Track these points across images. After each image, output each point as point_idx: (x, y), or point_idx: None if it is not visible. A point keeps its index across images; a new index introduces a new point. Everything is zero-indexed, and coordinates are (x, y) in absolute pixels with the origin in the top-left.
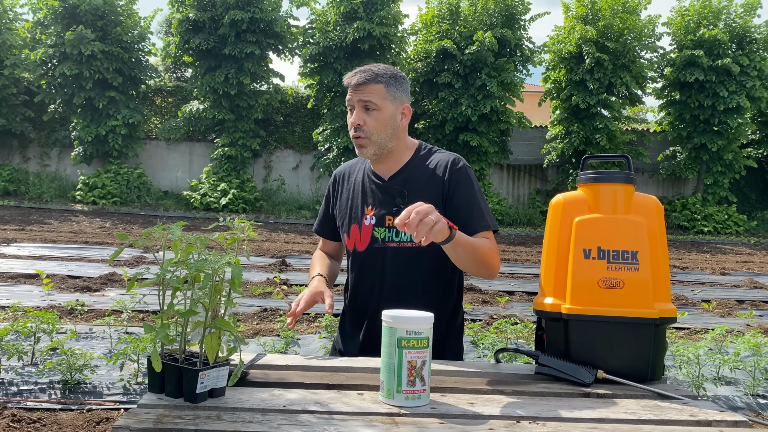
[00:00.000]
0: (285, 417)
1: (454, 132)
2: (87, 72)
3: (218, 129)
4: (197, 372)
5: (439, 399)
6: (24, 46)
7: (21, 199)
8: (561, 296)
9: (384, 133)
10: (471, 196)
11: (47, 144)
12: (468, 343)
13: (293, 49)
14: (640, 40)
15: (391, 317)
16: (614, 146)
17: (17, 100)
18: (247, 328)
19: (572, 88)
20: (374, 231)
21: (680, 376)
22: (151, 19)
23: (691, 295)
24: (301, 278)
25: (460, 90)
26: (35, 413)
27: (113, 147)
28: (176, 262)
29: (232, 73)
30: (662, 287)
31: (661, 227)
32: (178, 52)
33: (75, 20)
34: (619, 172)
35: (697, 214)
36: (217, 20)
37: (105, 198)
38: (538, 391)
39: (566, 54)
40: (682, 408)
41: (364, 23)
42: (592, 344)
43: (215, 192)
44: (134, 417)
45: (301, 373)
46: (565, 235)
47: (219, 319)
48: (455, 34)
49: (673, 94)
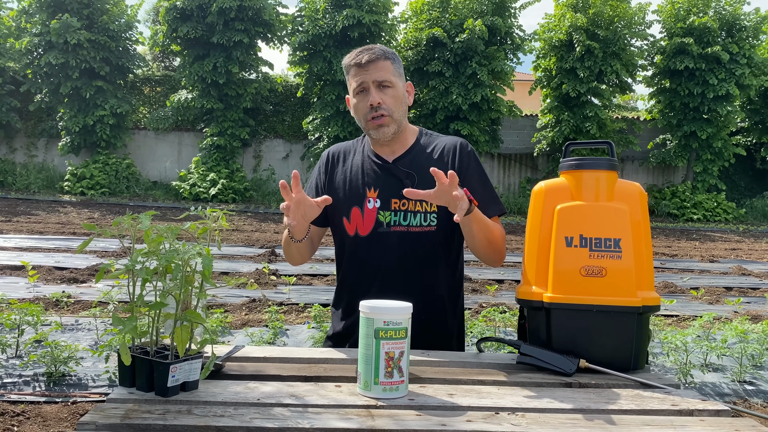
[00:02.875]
0: (258, 410)
1: (445, 121)
2: (73, 61)
3: (207, 118)
4: (168, 365)
5: (418, 390)
6: (9, 35)
7: (8, 191)
8: (543, 285)
9: (401, 110)
10: (483, 179)
11: (34, 134)
12: None
13: (282, 38)
14: (630, 27)
15: (368, 308)
16: (604, 134)
17: (3, 90)
18: (235, 318)
19: (562, 76)
20: (379, 214)
21: (668, 363)
22: (138, 7)
23: (679, 283)
24: (290, 269)
25: (451, 78)
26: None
27: (101, 137)
28: (146, 252)
29: (221, 62)
30: (645, 275)
31: (644, 215)
32: (166, 40)
33: (60, 8)
34: (602, 158)
35: (687, 202)
36: (204, 8)
37: (93, 189)
38: (520, 381)
39: (557, 42)
40: (665, 397)
41: (353, 11)
42: (574, 333)
43: (204, 182)
44: (101, 412)
45: (279, 365)
46: (547, 222)
47: (189, 311)
48: (445, 22)
49: (663, 82)
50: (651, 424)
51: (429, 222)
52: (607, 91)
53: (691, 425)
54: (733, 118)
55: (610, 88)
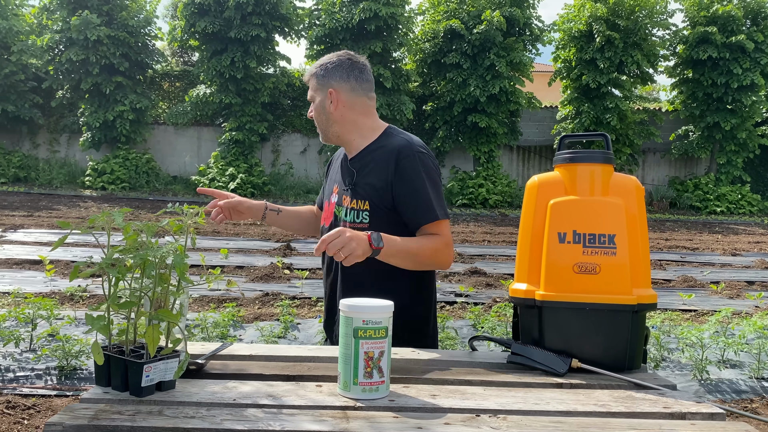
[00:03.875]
0: (231, 411)
1: (463, 113)
2: (93, 57)
3: (225, 113)
4: (142, 365)
5: (401, 390)
6: (31, 32)
7: (31, 186)
8: (535, 282)
9: (320, 121)
10: (416, 186)
11: (56, 130)
12: (469, 326)
13: (299, 32)
14: (651, 17)
15: (347, 306)
16: (625, 126)
17: (25, 87)
18: (247, 312)
19: (582, 67)
20: (336, 209)
21: (683, 359)
22: (157, 3)
23: (699, 277)
24: (305, 263)
25: (469, 70)
26: (30, 399)
27: (121, 132)
28: (122, 250)
29: (238, 57)
30: (641, 272)
31: (641, 209)
32: (184, 35)
33: (81, 5)
34: (597, 151)
35: (710, 194)
36: (222, 3)
37: (114, 183)
38: (508, 382)
39: (576, 32)
40: (657, 399)
41: (370, 3)
42: (567, 332)
43: (223, 177)
44: (71, 413)
45: (263, 364)
46: (540, 218)
47: (162, 310)
48: (463, 14)
49: (685, 72)
50: (638, 428)
51: (362, 219)
52: (627, 82)
53: (680, 429)
54: (758, 109)
55: (630, 79)
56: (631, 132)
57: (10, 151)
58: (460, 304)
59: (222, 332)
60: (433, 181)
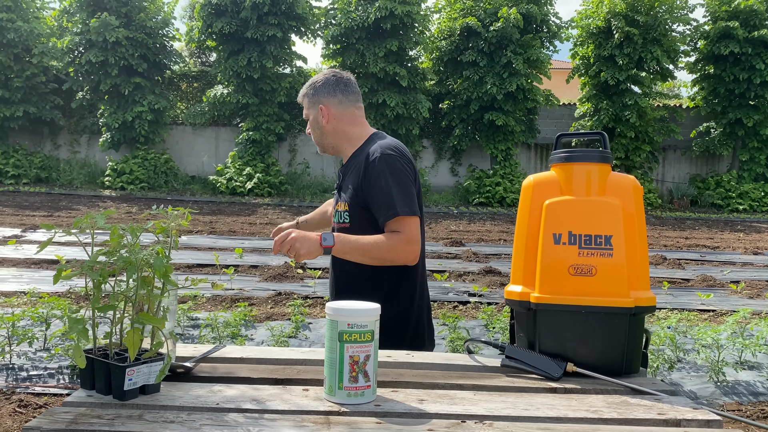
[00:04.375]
0: (211, 416)
1: (479, 111)
2: (112, 59)
3: (242, 113)
4: (124, 368)
5: (389, 395)
6: (51, 35)
7: (52, 186)
8: (530, 284)
9: (316, 135)
10: (380, 185)
11: (76, 131)
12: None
13: (315, 31)
14: (671, 12)
15: (332, 309)
16: (644, 123)
17: (47, 88)
18: (260, 312)
19: (601, 63)
20: (334, 214)
21: (699, 361)
22: (175, 4)
23: (719, 276)
24: (319, 262)
25: (485, 68)
26: (42, 398)
27: (140, 133)
28: (106, 252)
29: (255, 57)
30: (639, 274)
31: (639, 209)
32: (202, 36)
33: (100, 7)
34: (594, 150)
35: (732, 192)
36: (238, 3)
37: (133, 183)
38: (500, 386)
39: (594, 29)
40: (652, 405)
41: (386, 2)
42: (562, 335)
43: (241, 176)
44: (51, 416)
45: (252, 367)
46: (535, 219)
47: (142, 313)
48: (479, 11)
49: (706, 68)
50: None
51: (343, 219)
52: (647, 78)
53: None
54: None
55: (650, 76)
56: (651, 129)
57: (32, 152)
58: (474, 303)
59: (233, 332)
60: (399, 180)
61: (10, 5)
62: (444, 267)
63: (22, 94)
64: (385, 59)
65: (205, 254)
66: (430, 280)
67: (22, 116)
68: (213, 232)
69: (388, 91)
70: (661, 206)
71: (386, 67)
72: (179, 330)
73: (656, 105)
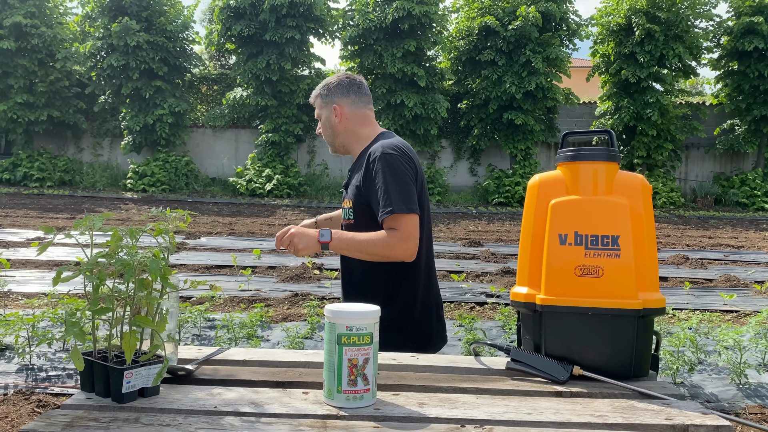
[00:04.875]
0: (208, 420)
1: (498, 111)
2: (133, 62)
3: (262, 115)
4: (122, 371)
5: (389, 398)
6: (74, 40)
7: (75, 189)
8: (536, 286)
9: (328, 135)
10: (378, 183)
11: (99, 134)
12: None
13: (333, 33)
14: (694, 8)
15: (330, 312)
16: (666, 121)
17: (70, 93)
18: (276, 313)
19: (621, 61)
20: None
21: (720, 363)
22: (194, 7)
23: (743, 276)
24: (336, 263)
25: (504, 67)
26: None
27: (161, 135)
28: (105, 255)
29: (274, 59)
30: (648, 275)
31: (647, 208)
32: (221, 39)
33: (121, 12)
34: (601, 148)
35: (758, 190)
36: (257, 6)
37: (154, 186)
38: (505, 390)
39: (615, 26)
40: (660, 410)
41: (403, 2)
42: (569, 338)
43: (260, 178)
44: (47, 419)
45: (254, 369)
46: (541, 219)
47: (139, 316)
48: (498, 10)
49: (730, 65)
50: None
51: (348, 216)
52: (669, 75)
53: None
54: None
55: (672, 73)
56: (673, 127)
57: (56, 156)
58: (491, 304)
59: (249, 333)
60: (398, 179)
61: (34, 11)
62: (462, 267)
63: (46, 98)
64: (403, 59)
65: (223, 255)
66: (447, 280)
67: (46, 120)
68: (232, 234)
69: (406, 92)
70: (684, 205)
71: (404, 67)
72: (196, 331)
73: (678, 103)
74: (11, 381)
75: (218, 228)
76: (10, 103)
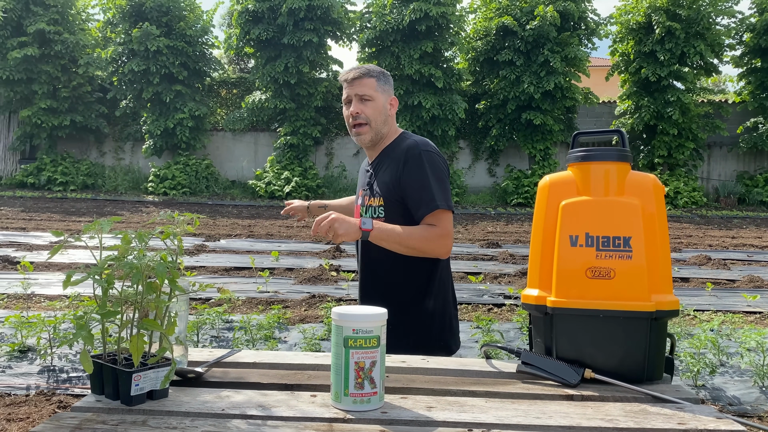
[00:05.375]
0: (214, 422)
1: (517, 111)
2: (154, 67)
3: (280, 118)
4: (130, 374)
5: (397, 401)
6: (96, 45)
7: (97, 192)
8: (547, 288)
9: (377, 120)
10: (419, 179)
11: (121, 138)
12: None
13: (351, 35)
14: (715, 5)
15: (338, 314)
16: (688, 120)
17: (92, 98)
18: (293, 314)
19: (641, 60)
20: (361, 210)
21: (743, 365)
22: (213, 12)
23: (767, 277)
24: (353, 264)
25: (522, 67)
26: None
27: (181, 139)
28: (114, 258)
29: (292, 62)
30: (661, 276)
31: (660, 209)
32: (240, 43)
33: (141, 17)
34: (612, 148)
35: None
36: (275, 10)
37: (175, 189)
38: (514, 393)
39: (634, 24)
40: (673, 414)
41: (420, 4)
42: (580, 341)
43: (279, 180)
44: (57, 421)
45: (264, 372)
46: (551, 220)
47: (146, 319)
48: (515, 10)
49: (753, 62)
50: None
51: (378, 215)
52: (690, 74)
53: None
54: None
55: (693, 71)
56: (695, 126)
57: (78, 160)
58: (509, 306)
59: (266, 334)
60: (437, 176)
61: (57, 18)
62: (479, 269)
63: (69, 103)
64: (420, 61)
65: (242, 257)
66: (465, 282)
67: (69, 125)
68: (251, 236)
69: (423, 93)
70: (706, 205)
71: (421, 68)
72: (214, 332)
73: (700, 101)
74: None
75: (237, 230)
76: (35, 109)
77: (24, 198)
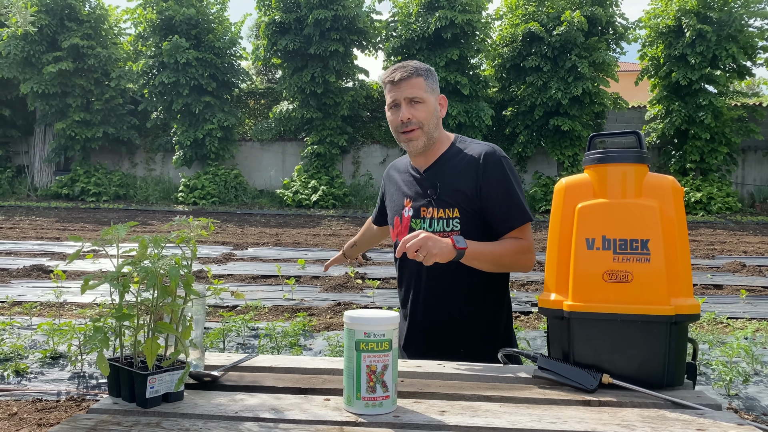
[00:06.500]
0: (227, 425)
1: (544, 117)
2: (183, 79)
3: (307, 128)
4: (145, 376)
5: (410, 406)
6: (127, 59)
7: (129, 202)
8: (563, 292)
9: (432, 123)
10: (504, 188)
11: (152, 149)
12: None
13: (377, 44)
14: (747, 6)
15: (349, 318)
16: (721, 124)
17: (124, 110)
18: (319, 322)
19: (672, 64)
20: (412, 222)
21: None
22: (241, 24)
23: None
24: (379, 272)
25: (549, 73)
26: None
27: (210, 150)
28: (130, 263)
29: (318, 72)
30: (680, 280)
31: (679, 211)
32: (267, 54)
33: (171, 31)
34: (629, 150)
35: None
36: (301, 21)
37: (205, 198)
38: (530, 398)
39: (664, 28)
40: (692, 420)
41: (446, 11)
42: (598, 345)
43: (306, 189)
44: (73, 423)
45: (279, 376)
46: (567, 223)
47: (161, 322)
48: (542, 16)
49: None
50: None
51: (452, 227)
52: (722, 77)
53: None
54: None
55: (726, 74)
56: (728, 130)
57: (111, 171)
58: (536, 314)
59: (291, 342)
60: (519, 185)
61: (90, 33)
62: None
63: (102, 116)
64: (446, 68)
65: (269, 265)
66: None
67: (102, 137)
68: (278, 244)
69: (449, 100)
70: (741, 210)
71: (447, 76)
72: (240, 339)
73: (733, 104)
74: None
75: (265, 239)
76: (69, 122)
77: (59, 208)
